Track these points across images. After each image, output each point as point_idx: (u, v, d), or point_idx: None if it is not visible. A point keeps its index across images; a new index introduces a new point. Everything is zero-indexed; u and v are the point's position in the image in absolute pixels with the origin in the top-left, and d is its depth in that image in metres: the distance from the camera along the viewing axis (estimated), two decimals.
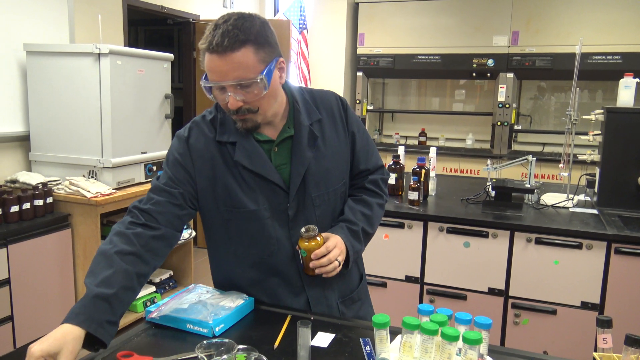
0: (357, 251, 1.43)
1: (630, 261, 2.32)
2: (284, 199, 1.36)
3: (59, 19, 3.35)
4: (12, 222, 2.73)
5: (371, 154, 1.51)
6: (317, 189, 1.38)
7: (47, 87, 3.11)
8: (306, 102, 1.41)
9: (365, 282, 1.62)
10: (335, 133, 1.43)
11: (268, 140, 1.36)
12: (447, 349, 1.03)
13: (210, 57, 1.19)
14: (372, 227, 1.48)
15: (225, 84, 1.21)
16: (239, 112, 1.25)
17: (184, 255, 3.84)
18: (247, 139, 1.33)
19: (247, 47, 1.18)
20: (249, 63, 1.19)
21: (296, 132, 1.36)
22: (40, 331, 2.83)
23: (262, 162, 1.33)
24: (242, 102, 1.23)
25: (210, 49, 1.18)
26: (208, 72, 1.22)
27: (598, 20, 4.79)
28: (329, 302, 1.46)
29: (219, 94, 1.25)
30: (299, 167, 1.35)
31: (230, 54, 1.17)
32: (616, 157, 2.75)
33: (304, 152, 1.35)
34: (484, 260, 2.55)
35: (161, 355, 1.18)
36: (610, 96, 5.23)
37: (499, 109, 5.18)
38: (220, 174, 1.34)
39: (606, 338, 1.12)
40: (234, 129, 1.33)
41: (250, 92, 1.22)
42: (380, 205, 1.52)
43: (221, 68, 1.18)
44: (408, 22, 5.45)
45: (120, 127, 3.13)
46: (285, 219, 1.37)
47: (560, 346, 2.46)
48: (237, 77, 1.19)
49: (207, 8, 4.94)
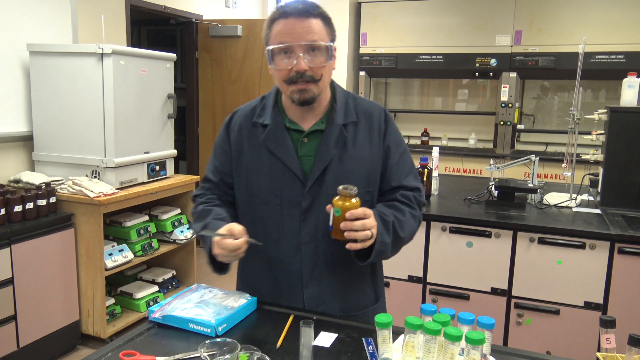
0: (384, 242, 1.31)
1: (634, 261, 2.31)
2: (299, 189, 1.37)
3: (61, 19, 3.36)
4: (15, 222, 2.73)
5: (407, 174, 1.45)
6: (336, 186, 1.34)
7: (50, 87, 3.12)
8: (346, 104, 1.43)
9: (381, 309, 1.52)
10: (368, 140, 1.42)
11: (299, 130, 1.39)
12: (450, 349, 1.03)
13: (286, 21, 1.29)
14: (403, 230, 1.37)
15: (299, 43, 1.27)
16: (303, 78, 1.30)
17: (187, 255, 3.85)
18: (279, 124, 1.39)
19: (319, 18, 1.31)
20: (321, 30, 1.30)
21: (327, 127, 1.38)
22: (44, 330, 2.84)
23: (286, 148, 1.37)
24: (309, 66, 1.29)
25: (287, 12, 1.29)
26: (279, 36, 1.29)
27: (601, 20, 4.78)
28: (327, 309, 1.41)
29: (284, 59, 1.30)
30: (322, 161, 1.36)
31: (306, 19, 1.28)
32: (619, 157, 2.74)
33: (329, 148, 1.37)
34: (486, 260, 2.54)
35: (164, 354, 1.18)
36: (613, 96, 5.21)
37: (501, 108, 5.17)
38: (246, 154, 1.42)
39: (609, 338, 1.11)
40: (271, 114, 1.40)
41: (317, 57, 1.30)
42: (413, 215, 1.42)
43: (296, 30, 1.27)
44: (411, 22, 5.44)
45: (123, 127, 3.13)
46: (298, 210, 1.37)
47: (563, 346, 2.46)
48: (310, 39, 1.28)
49: (209, 8, 4.94)
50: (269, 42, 1.32)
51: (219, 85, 4.92)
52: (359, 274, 1.45)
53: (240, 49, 4.80)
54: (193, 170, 5.08)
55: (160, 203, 3.69)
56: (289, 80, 1.31)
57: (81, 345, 3.14)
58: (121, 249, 3.19)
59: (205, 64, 4.93)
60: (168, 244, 3.61)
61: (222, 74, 4.90)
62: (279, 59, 1.31)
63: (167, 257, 3.86)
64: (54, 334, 2.91)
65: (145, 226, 3.39)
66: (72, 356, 3.04)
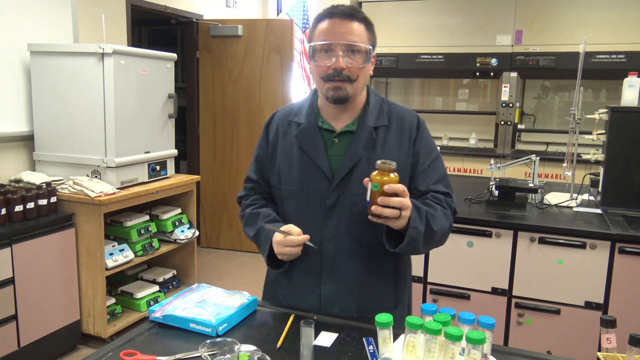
0: (417, 229, 1.29)
1: (635, 261, 2.31)
2: (325, 187, 1.41)
3: (62, 19, 3.36)
4: (16, 222, 2.73)
5: (437, 180, 1.45)
6: (361, 187, 1.35)
7: (50, 87, 3.12)
8: (379, 108, 1.47)
9: (400, 316, 1.46)
10: (397, 144, 1.44)
11: (331, 130, 1.45)
12: (451, 349, 1.03)
13: (331, 21, 1.36)
14: (435, 223, 1.34)
15: (340, 42, 1.34)
16: (340, 76, 1.35)
17: (188, 254, 3.85)
18: (312, 123, 1.45)
19: (363, 23, 1.38)
20: (362, 34, 1.37)
21: (358, 129, 1.43)
22: (44, 330, 2.84)
23: (316, 146, 1.43)
24: (346, 66, 1.35)
25: (333, 13, 1.36)
26: (322, 34, 1.36)
27: (602, 20, 4.78)
28: (343, 308, 1.43)
29: (325, 57, 1.36)
30: (350, 160, 1.40)
31: (350, 21, 1.35)
32: (620, 157, 2.74)
33: (358, 149, 1.41)
34: (487, 259, 2.54)
35: (164, 354, 1.18)
36: (614, 95, 5.21)
37: (502, 108, 5.16)
38: (279, 150, 1.49)
39: (610, 338, 1.11)
40: (306, 114, 1.47)
41: (356, 58, 1.36)
42: (444, 214, 1.40)
43: (339, 29, 1.34)
44: (411, 22, 5.44)
45: (124, 126, 3.13)
46: (322, 207, 1.41)
47: (564, 346, 2.45)
48: (350, 40, 1.34)
49: (210, 8, 4.94)
50: (312, 39, 1.39)
51: (219, 85, 4.92)
52: (378, 275, 1.45)
53: (240, 48, 4.80)
54: (194, 170, 5.08)
55: (160, 203, 3.69)
56: (326, 78, 1.37)
57: (82, 345, 3.14)
58: (122, 248, 3.19)
59: (205, 63, 4.93)
60: (168, 244, 3.61)
61: (222, 74, 4.90)
62: (320, 56, 1.37)
63: (168, 257, 3.87)
64: (54, 334, 2.91)
65: (146, 226, 3.40)
66: (72, 356, 3.04)
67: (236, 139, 4.92)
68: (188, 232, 3.69)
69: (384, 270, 1.45)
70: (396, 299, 1.51)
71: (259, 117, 4.81)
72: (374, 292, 1.45)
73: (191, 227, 3.74)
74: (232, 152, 4.95)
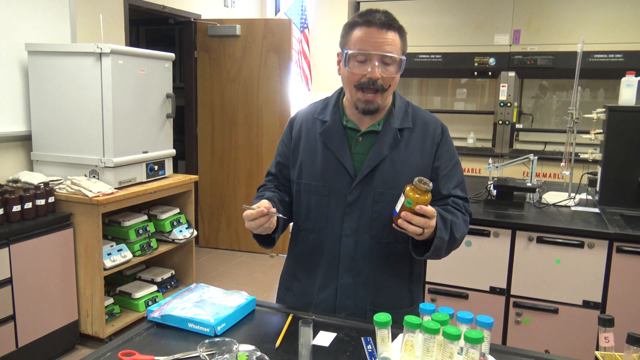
0: (442, 238, 1.34)
1: (632, 260, 2.32)
2: (348, 184, 1.43)
3: (60, 19, 3.35)
4: (14, 222, 2.73)
5: (456, 185, 1.49)
6: (383, 185, 1.41)
7: (48, 87, 3.11)
8: (404, 112, 1.49)
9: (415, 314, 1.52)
10: (420, 147, 1.46)
11: (355, 129, 1.47)
12: (449, 348, 1.03)
13: (368, 30, 1.36)
14: (457, 232, 1.40)
15: (377, 52, 1.35)
16: (374, 85, 1.36)
17: (186, 254, 3.85)
18: (337, 122, 1.47)
19: (398, 33, 1.39)
20: (398, 44, 1.39)
21: (383, 130, 1.45)
22: (42, 330, 2.84)
23: (340, 143, 1.45)
24: (381, 76, 1.36)
25: (371, 21, 1.35)
26: (360, 42, 1.36)
27: (600, 19, 4.78)
28: (358, 301, 1.46)
29: (359, 65, 1.37)
30: (373, 159, 1.43)
31: (388, 31, 1.36)
32: (618, 156, 2.74)
33: (382, 148, 1.43)
34: (485, 259, 2.55)
35: (163, 354, 1.18)
36: (612, 95, 5.22)
37: (500, 107, 5.17)
38: (302, 145, 1.51)
39: (608, 337, 1.12)
40: (331, 113, 1.49)
41: (389, 69, 1.38)
42: (464, 220, 1.46)
43: (377, 39, 1.35)
44: (409, 21, 5.42)
45: (122, 126, 3.13)
46: (343, 203, 1.44)
47: (562, 345, 2.46)
48: (388, 51, 1.36)
49: (208, 8, 4.94)
50: (348, 45, 1.39)
51: (217, 84, 4.92)
52: (395, 273, 1.48)
53: (239, 48, 4.79)
54: (192, 169, 5.08)
55: (159, 203, 3.69)
56: (359, 85, 1.38)
57: (80, 345, 3.14)
58: (120, 248, 3.18)
59: (203, 63, 4.93)
60: (167, 244, 3.60)
61: (220, 74, 4.89)
62: (354, 64, 1.38)
63: (166, 257, 3.86)
64: (52, 334, 2.91)
65: (144, 226, 3.39)
66: (70, 356, 3.04)
67: (234, 139, 4.91)
68: (186, 232, 3.69)
69: (400, 269, 1.49)
70: (411, 298, 1.54)
71: (257, 116, 4.81)
72: (389, 288, 1.48)
73: (189, 227, 3.74)
74: (230, 152, 4.95)
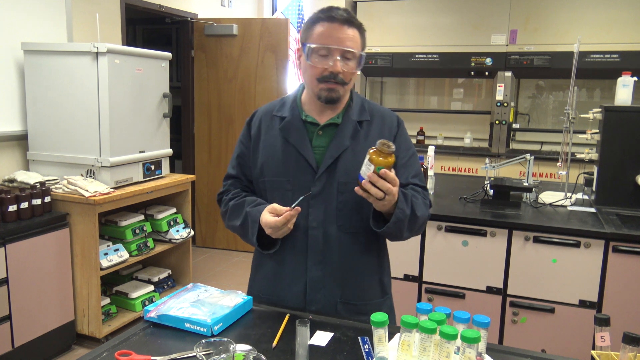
0: (403, 210, 1.35)
1: (628, 259, 2.32)
2: (311, 176, 1.44)
3: (56, 18, 3.34)
4: (10, 222, 2.72)
5: (414, 175, 1.51)
6: (346, 176, 1.43)
7: (44, 86, 3.10)
8: (361, 106, 1.53)
9: (388, 307, 1.57)
10: (379, 138, 1.45)
11: (314, 123, 1.49)
12: (446, 348, 1.03)
13: (331, 25, 1.39)
14: (418, 210, 1.41)
15: (339, 47, 1.38)
16: (335, 79, 1.40)
17: (183, 254, 3.84)
18: (296, 117, 1.49)
19: (359, 30, 1.43)
20: (358, 41, 1.42)
21: (343, 122, 1.48)
22: (39, 330, 2.83)
23: (301, 137, 1.47)
24: (342, 70, 1.40)
25: (333, 18, 1.38)
26: (322, 37, 1.39)
27: (596, 19, 4.80)
28: (327, 294, 1.46)
29: (321, 59, 1.40)
30: (335, 150, 1.45)
31: (349, 27, 1.40)
32: (614, 156, 2.75)
33: (343, 139, 1.46)
34: (482, 258, 2.55)
35: (160, 354, 1.18)
36: (608, 95, 5.23)
37: (497, 107, 5.18)
38: (262, 143, 1.51)
39: (604, 336, 1.12)
40: (290, 109, 1.51)
41: (349, 64, 1.41)
42: (425, 204, 1.46)
43: (339, 35, 1.38)
44: (406, 21, 5.45)
45: (119, 126, 3.12)
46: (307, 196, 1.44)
47: (558, 344, 2.47)
48: (349, 46, 1.39)
49: (205, 7, 4.93)
50: (310, 39, 1.42)
51: (214, 84, 4.91)
52: (363, 264, 1.50)
53: (235, 48, 4.79)
54: (188, 169, 5.07)
55: (155, 202, 3.68)
56: (321, 79, 1.41)
57: (76, 345, 3.13)
58: (116, 248, 3.18)
59: (200, 63, 4.92)
60: (163, 244, 3.60)
61: (217, 73, 4.89)
62: (316, 58, 1.41)
63: (163, 257, 3.86)
64: (49, 334, 2.90)
65: (141, 226, 3.39)
66: (67, 356, 3.03)
67: (231, 139, 4.91)
68: (183, 231, 3.68)
69: (368, 259, 1.51)
70: (382, 289, 1.56)
71: None
72: (359, 280, 1.50)
73: (186, 226, 3.74)
74: (227, 152, 4.94)
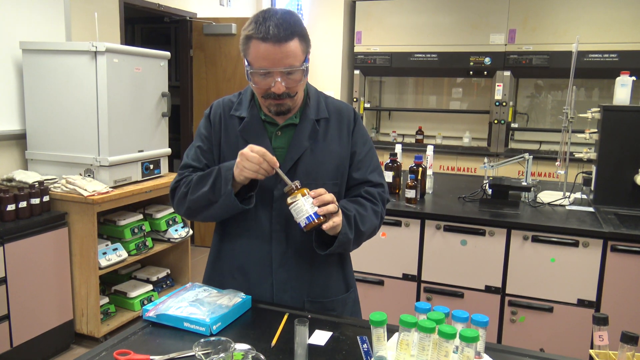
0: (346, 234, 1.36)
1: (626, 259, 2.33)
2: (272, 179, 1.40)
3: (55, 17, 3.34)
4: (8, 221, 2.72)
5: (372, 170, 1.52)
6: (307, 177, 1.42)
7: (43, 86, 3.10)
8: (318, 102, 1.50)
9: (352, 300, 1.59)
10: (338, 135, 1.49)
11: (273, 122, 1.46)
12: (444, 347, 1.04)
13: (265, 46, 1.28)
14: (364, 224, 1.42)
15: (277, 69, 1.30)
16: (281, 96, 1.34)
17: (181, 253, 3.84)
18: (255, 117, 1.46)
19: (296, 38, 1.31)
20: (297, 53, 1.31)
21: (301, 122, 1.45)
22: (37, 330, 2.83)
23: (261, 139, 1.43)
24: (285, 87, 1.33)
25: (266, 38, 1.27)
26: (257, 60, 1.31)
27: (595, 19, 4.80)
28: (294, 295, 1.47)
29: (262, 80, 1.33)
30: (295, 152, 1.43)
31: (284, 44, 1.28)
32: (612, 155, 2.76)
33: (302, 140, 1.44)
34: (480, 258, 2.55)
35: (158, 353, 1.18)
36: (606, 94, 5.24)
37: (495, 107, 5.18)
38: (222, 145, 1.47)
39: (602, 335, 1.12)
40: (248, 108, 1.46)
41: (293, 78, 1.34)
42: (375, 211, 1.47)
43: (275, 56, 1.29)
44: (405, 20, 5.45)
45: (117, 125, 3.12)
46: (270, 198, 1.44)
47: (556, 343, 2.47)
48: (287, 64, 1.30)
49: (203, 6, 4.93)
50: (248, 57, 1.33)
51: (213, 83, 4.91)
52: (325, 263, 1.50)
53: (234, 47, 4.78)
54: None
55: (154, 202, 3.68)
56: (266, 96, 1.37)
57: (75, 344, 3.13)
58: (115, 247, 3.17)
59: (199, 62, 4.92)
60: (162, 243, 3.60)
61: (216, 72, 4.88)
62: (257, 77, 1.34)
63: (162, 256, 3.85)
64: (47, 333, 2.90)
65: (140, 225, 3.38)
66: (65, 355, 3.03)
67: None
68: (182, 231, 3.68)
69: (330, 257, 1.51)
70: (346, 284, 1.57)
71: None
72: (323, 278, 1.50)
73: (185, 226, 3.74)
74: None
